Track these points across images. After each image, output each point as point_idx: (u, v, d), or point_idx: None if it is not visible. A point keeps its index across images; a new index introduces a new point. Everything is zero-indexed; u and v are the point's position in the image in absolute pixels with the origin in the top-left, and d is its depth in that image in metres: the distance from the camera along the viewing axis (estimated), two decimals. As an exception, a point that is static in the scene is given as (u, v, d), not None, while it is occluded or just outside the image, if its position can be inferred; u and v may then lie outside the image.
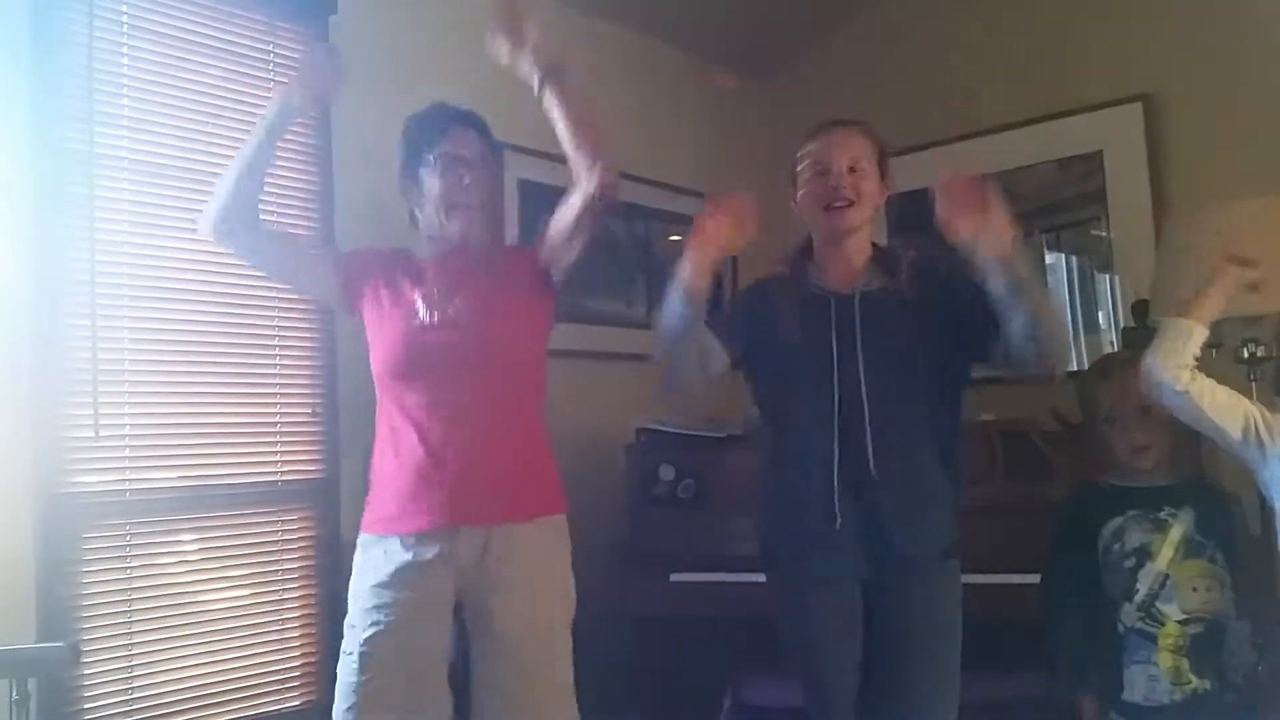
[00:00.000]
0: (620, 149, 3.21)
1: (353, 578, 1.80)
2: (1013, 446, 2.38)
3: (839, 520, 1.79)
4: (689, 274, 1.73)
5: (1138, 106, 2.97)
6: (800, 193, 1.89)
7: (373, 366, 1.87)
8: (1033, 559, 2.01)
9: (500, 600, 1.77)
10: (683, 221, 3.47)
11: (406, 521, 1.76)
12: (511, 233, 2.95)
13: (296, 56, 2.48)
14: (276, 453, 2.39)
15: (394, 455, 1.79)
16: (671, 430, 2.80)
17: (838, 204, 1.83)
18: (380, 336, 1.85)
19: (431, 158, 1.86)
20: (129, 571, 2.12)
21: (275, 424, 2.40)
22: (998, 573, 2.15)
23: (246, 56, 2.41)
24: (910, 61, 3.44)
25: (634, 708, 2.51)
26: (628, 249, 3.33)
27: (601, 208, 1.84)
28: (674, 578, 2.48)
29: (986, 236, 1.62)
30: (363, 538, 1.82)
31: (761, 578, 1.98)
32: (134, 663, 2.11)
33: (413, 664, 1.73)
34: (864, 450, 1.78)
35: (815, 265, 1.93)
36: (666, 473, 2.67)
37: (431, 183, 1.85)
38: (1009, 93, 3.20)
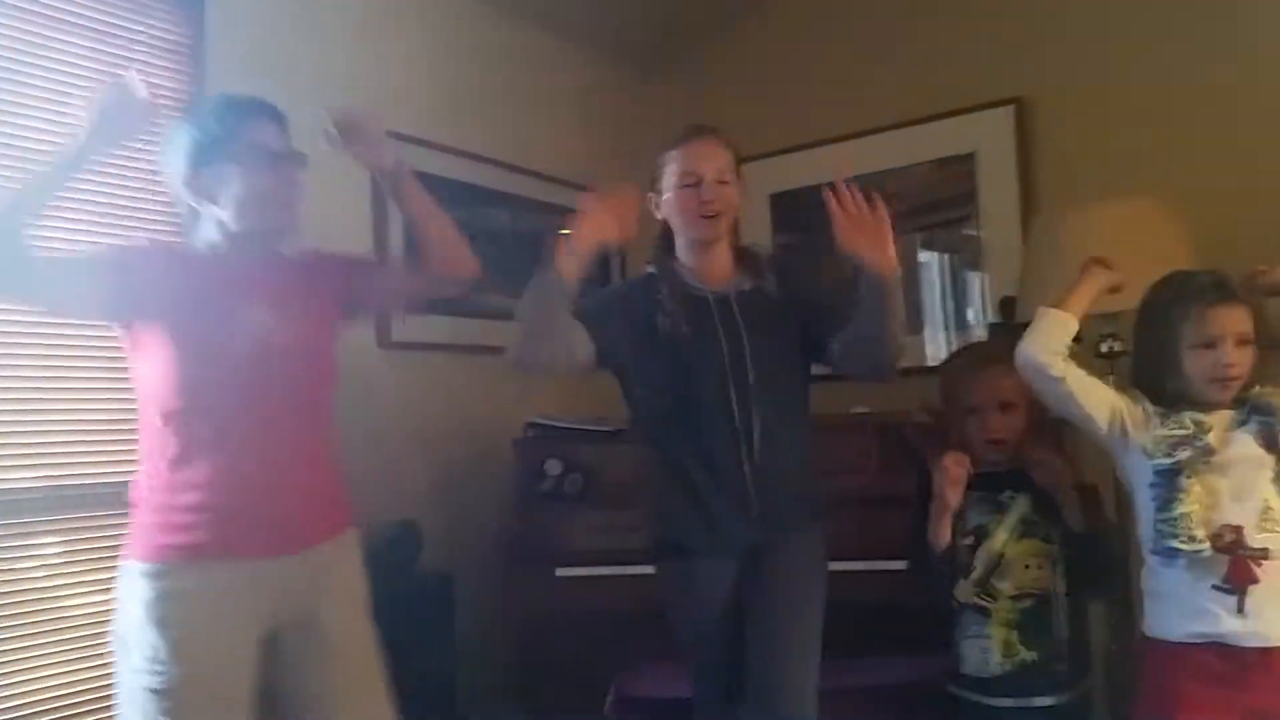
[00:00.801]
0: (515, 141, 3.24)
1: (146, 607, 1.60)
2: (887, 437, 2.46)
3: (753, 506, 1.89)
4: (564, 262, 1.76)
5: (1009, 110, 3.08)
6: (669, 199, 1.98)
7: (167, 380, 1.65)
8: (906, 546, 2.08)
9: (330, 613, 1.73)
10: (569, 214, 3.47)
11: (231, 547, 1.64)
12: (397, 224, 2.89)
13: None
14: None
15: (208, 475, 1.64)
16: (559, 425, 2.79)
17: (708, 214, 1.94)
18: (188, 347, 1.66)
19: (241, 150, 1.70)
20: (-16, 577, 2.03)
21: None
22: (872, 559, 2.21)
23: (117, 35, 2.30)
24: (794, 62, 3.50)
25: (519, 704, 2.50)
26: (517, 243, 3.31)
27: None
28: (560, 573, 2.48)
29: (878, 255, 1.75)
30: (158, 566, 1.62)
31: (646, 569, 2.01)
32: (-9, 672, 2.02)
33: (231, 697, 1.64)
34: (753, 438, 1.89)
35: (683, 266, 2.01)
36: (553, 467, 2.67)
37: (249, 178, 1.69)
38: (887, 95, 3.29)
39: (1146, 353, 1.76)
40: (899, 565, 2.14)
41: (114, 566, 2.17)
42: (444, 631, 2.58)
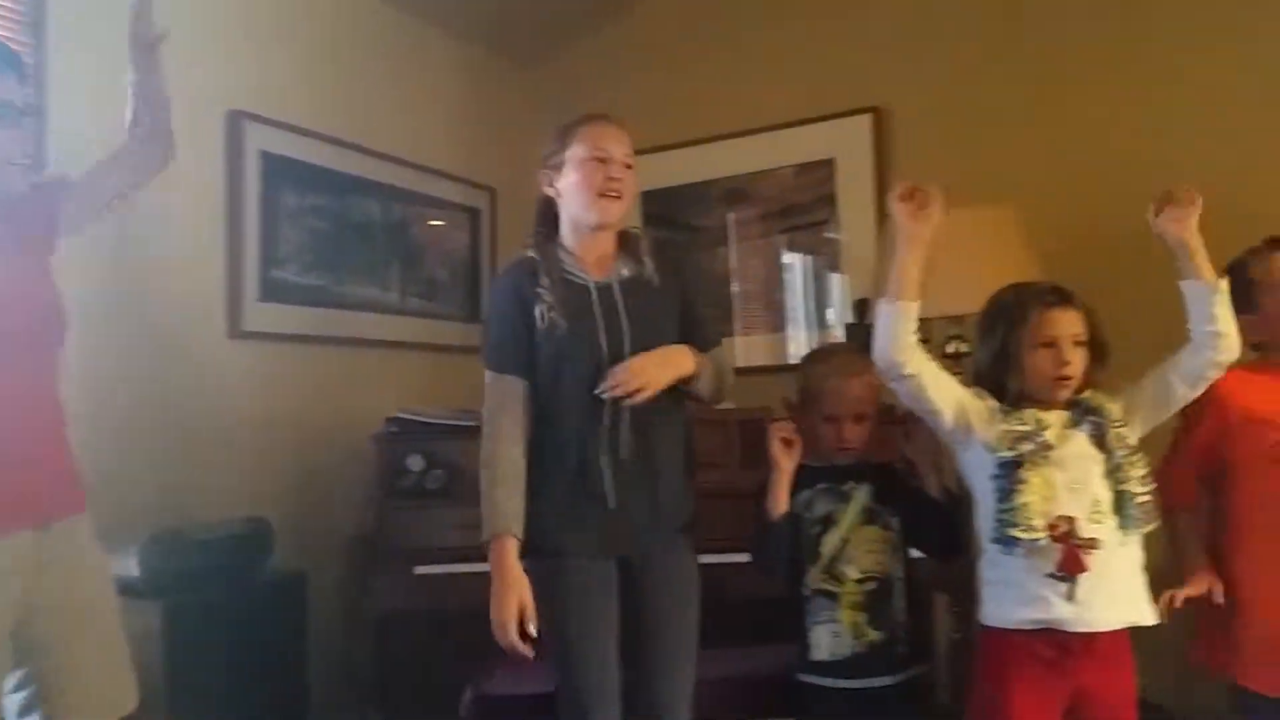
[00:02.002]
0: (386, 129, 3.16)
1: None
2: (748, 433, 2.50)
3: (614, 503, 1.86)
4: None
5: (867, 118, 3.19)
6: (571, 178, 1.92)
7: None
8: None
9: (84, 580, 1.67)
10: (440, 205, 3.43)
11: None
12: (252, 208, 2.79)
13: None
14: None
15: None
16: (422, 419, 2.73)
17: (612, 193, 1.90)
18: None
19: None
20: None
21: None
22: (733, 553, 2.24)
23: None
24: (664, 63, 3.54)
25: (374, 703, 2.44)
26: (383, 232, 3.23)
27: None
28: (419, 571, 2.43)
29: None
30: None
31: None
32: None
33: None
34: (626, 435, 1.86)
35: (565, 251, 1.96)
36: (415, 463, 2.61)
37: None
38: (752, 100, 3.37)
39: (990, 353, 1.84)
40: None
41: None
42: (296, 632, 2.49)
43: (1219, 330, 1.72)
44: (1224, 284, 1.74)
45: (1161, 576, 1.82)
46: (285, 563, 2.55)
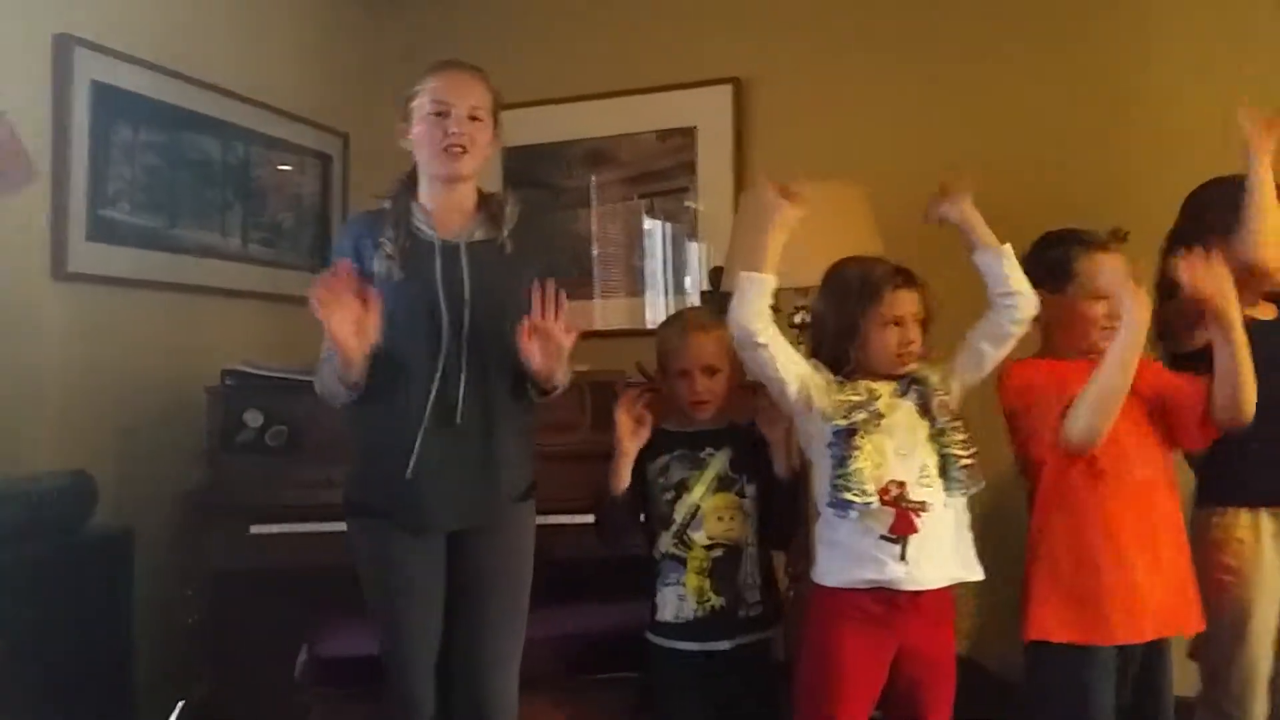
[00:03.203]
0: (230, 65, 2.99)
1: None
2: (601, 396, 2.52)
3: (437, 469, 1.82)
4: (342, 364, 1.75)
5: (728, 88, 3.24)
6: (417, 130, 1.87)
7: None
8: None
9: None
10: (289, 149, 3.28)
11: None
12: (80, 141, 2.60)
13: None
14: None
15: None
16: (262, 373, 2.62)
17: (452, 148, 1.85)
18: None
19: None
20: None
21: None
22: (582, 514, 2.27)
23: None
24: (531, 17, 3.48)
25: (205, 667, 2.36)
26: (223, 173, 3.07)
27: None
28: (255, 530, 2.35)
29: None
30: None
31: (343, 526, 1.93)
32: None
33: None
34: (460, 400, 1.82)
35: (421, 205, 1.91)
36: (254, 419, 2.50)
37: None
38: (619, 62, 3.36)
39: (834, 326, 1.90)
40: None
41: None
42: (122, 592, 2.37)
43: (1013, 289, 1.84)
44: (1008, 247, 1.85)
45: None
46: (111, 519, 2.41)
